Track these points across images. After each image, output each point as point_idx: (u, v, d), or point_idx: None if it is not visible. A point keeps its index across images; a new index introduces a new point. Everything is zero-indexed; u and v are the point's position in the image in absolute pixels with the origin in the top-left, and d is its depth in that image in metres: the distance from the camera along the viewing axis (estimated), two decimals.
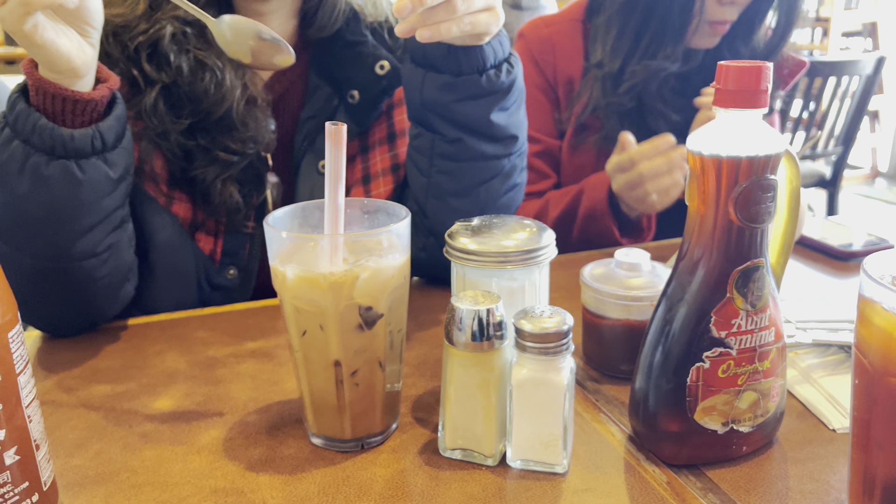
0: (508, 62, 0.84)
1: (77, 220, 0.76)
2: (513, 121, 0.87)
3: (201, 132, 0.89)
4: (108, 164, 0.76)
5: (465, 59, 0.81)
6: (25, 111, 0.72)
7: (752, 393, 0.59)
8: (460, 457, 0.61)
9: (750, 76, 0.53)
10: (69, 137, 0.72)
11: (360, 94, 0.96)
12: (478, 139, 0.85)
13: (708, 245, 0.56)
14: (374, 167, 0.99)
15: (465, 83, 0.82)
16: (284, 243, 0.58)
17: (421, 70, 0.83)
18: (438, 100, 0.83)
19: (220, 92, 0.87)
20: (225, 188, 0.90)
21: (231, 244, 0.93)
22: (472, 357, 0.58)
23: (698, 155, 0.55)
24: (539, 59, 1.27)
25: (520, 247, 0.62)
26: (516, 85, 0.85)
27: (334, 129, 0.56)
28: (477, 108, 0.83)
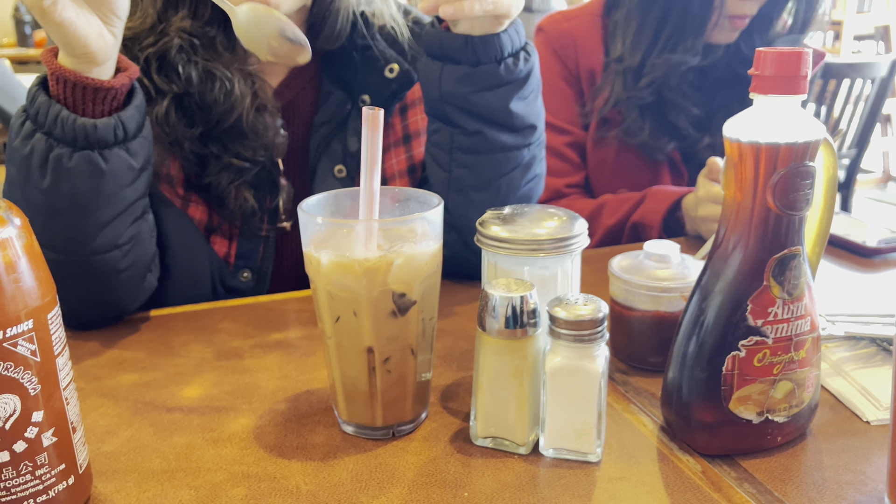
0: (525, 50, 0.84)
1: (99, 211, 0.76)
2: (531, 110, 0.87)
3: (213, 140, 0.90)
4: (129, 154, 0.76)
5: (483, 49, 0.80)
6: (46, 103, 0.72)
7: (787, 382, 0.58)
8: (492, 445, 0.61)
9: (790, 62, 0.53)
10: (92, 127, 0.72)
11: (370, 98, 0.97)
12: (497, 130, 0.85)
13: (745, 233, 0.56)
14: (390, 169, 1.00)
15: (483, 73, 0.81)
16: (319, 229, 0.58)
17: (438, 63, 0.83)
18: (457, 92, 0.83)
19: (230, 101, 0.88)
20: (239, 193, 0.91)
21: (245, 247, 0.94)
22: (506, 344, 0.58)
23: (736, 142, 0.55)
24: (561, 52, 1.28)
25: (552, 235, 0.62)
26: (534, 74, 0.85)
27: (371, 114, 0.56)
28: (496, 98, 0.83)
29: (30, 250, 0.49)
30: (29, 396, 0.48)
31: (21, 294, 0.47)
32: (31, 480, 0.49)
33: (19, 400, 0.48)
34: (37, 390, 0.48)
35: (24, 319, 0.47)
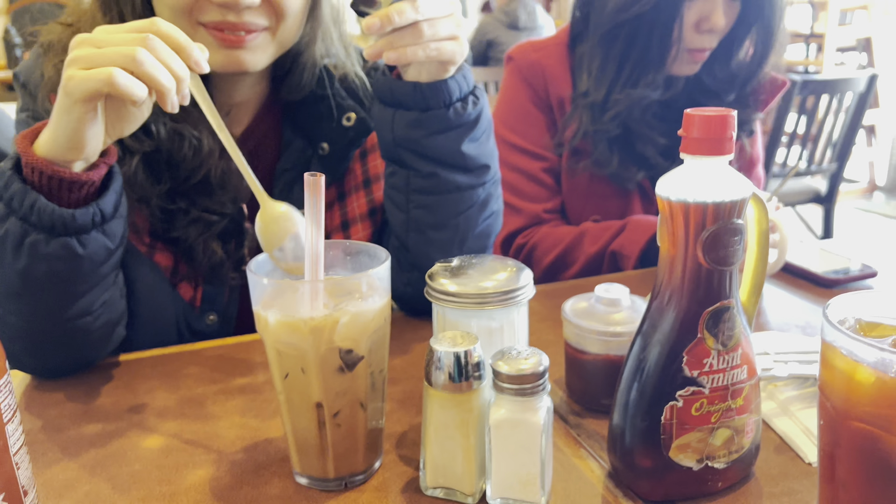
0: (474, 94, 0.87)
1: (73, 287, 0.77)
2: (483, 150, 0.89)
3: (180, 195, 0.91)
4: (106, 236, 0.76)
5: (431, 95, 0.83)
6: (22, 190, 0.71)
7: (725, 430, 0.60)
8: (442, 495, 0.62)
9: (715, 125, 0.55)
10: (70, 217, 0.72)
11: (329, 146, 0.99)
12: (451, 171, 0.87)
13: (678, 286, 0.58)
14: (351, 213, 1.03)
15: (432, 118, 0.84)
16: (266, 289, 0.60)
17: (390, 109, 0.86)
18: (409, 136, 0.85)
19: (199, 158, 0.89)
20: (208, 246, 0.93)
21: (211, 291, 0.96)
22: (451, 398, 0.59)
23: (666, 200, 0.57)
24: (531, 80, 1.30)
25: (498, 287, 0.64)
26: (483, 115, 0.88)
27: (312, 180, 0.58)
28: (447, 141, 0.85)
29: None
30: None
31: None
32: None
33: None
34: None
35: None
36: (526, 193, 1.30)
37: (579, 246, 1.23)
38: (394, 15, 0.72)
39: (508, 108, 1.33)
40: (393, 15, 0.72)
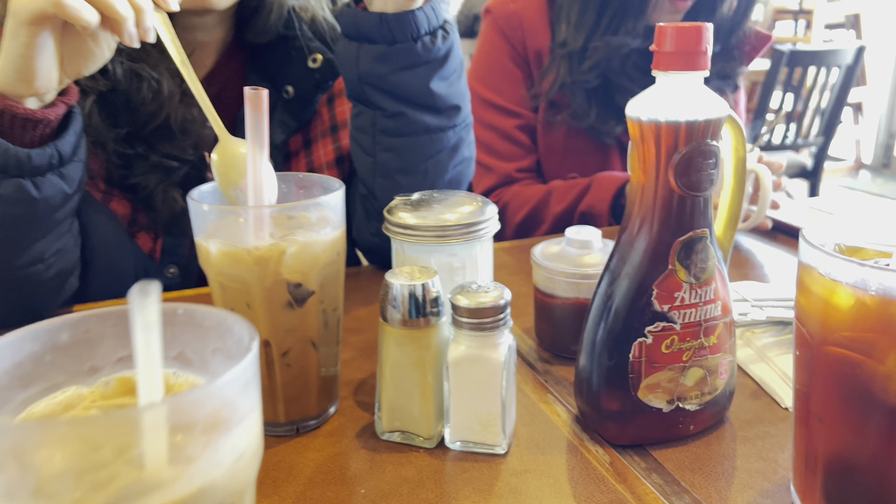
0: (444, 29, 0.82)
1: (26, 233, 0.72)
2: (454, 90, 0.85)
3: (139, 140, 0.86)
4: (63, 179, 0.71)
5: (398, 26, 0.78)
6: None
7: (698, 369, 0.57)
8: (399, 439, 0.59)
9: (689, 37, 0.51)
10: (25, 157, 0.67)
11: (294, 89, 0.94)
12: (419, 111, 0.83)
13: (649, 215, 0.54)
14: (318, 161, 0.98)
15: (399, 52, 0.80)
16: (208, 217, 0.56)
17: (355, 43, 0.81)
18: (375, 72, 0.81)
19: (159, 101, 0.84)
20: (167, 194, 0.88)
21: (171, 243, 0.91)
22: (408, 335, 0.56)
23: (637, 121, 0.53)
24: (508, 34, 1.26)
25: (460, 220, 0.60)
26: (454, 53, 0.83)
27: (253, 94, 0.53)
28: (415, 78, 0.81)
29: None
30: None
31: None
32: None
33: None
34: None
35: None
36: (499, 152, 1.26)
37: (546, 206, 1.20)
38: None
39: (484, 63, 1.29)
40: None
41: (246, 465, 0.33)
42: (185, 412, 0.31)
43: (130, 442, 0.29)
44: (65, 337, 0.37)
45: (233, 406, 0.32)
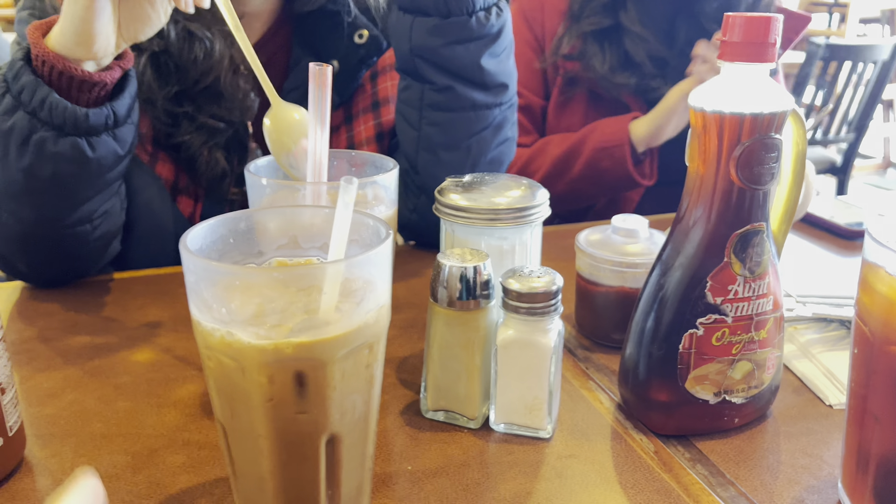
0: (497, 6, 0.83)
1: (77, 193, 0.74)
2: (503, 68, 0.85)
3: (187, 100, 0.87)
4: (116, 140, 0.73)
5: (454, 1, 0.79)
6: (33, 83, 0.67)
7: (746, 363, 0.56)
8: (443, 418, 0.59)
9: (758, 28, 0.50)
10: (83, 117, 0.68)
11: (339, 64, 0.95)
12: (468, 86, 0.83)
13: (706, 207, 0.54)
14: (358, 136, 0.98)
15: (454, 25, 0.80)
16: (265, 192, 0.56)
17: (409, 15, 0.82)
18: (427, 44, 0.81)
19: (209, 62, 0.85)
20: (211, 155, 0.89)
21: (211, 208, 0.92)
22: (457, 316, 0.56)
23: (700, 112, 0.52)
24: (530, 17, 1.28)
25: (512, 204, 0.60)
26: (506, 30, 0.84)
27: (318, 70, 0.53)
28: (467, 53, 0.81)
29: None
30: None
31: None
32: None
33: None
34: None
35: None
36: None
37: (542, 153, 1.22)
38: None
39: None
40: None
41: (384, 315, 0.44)
42: (352, 269, 0.41)
43: (317, 287, 0.39)
44: (243, 225, 0.46)
45: (376, 272, 0.42)
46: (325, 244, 0.47)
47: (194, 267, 0.39)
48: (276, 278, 0.40)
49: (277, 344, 0.38)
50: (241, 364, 0.39)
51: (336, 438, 0.42)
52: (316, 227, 0.48)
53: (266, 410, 0.40)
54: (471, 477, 0.53)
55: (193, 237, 0.42)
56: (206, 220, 0.44)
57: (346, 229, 0.41)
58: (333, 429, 0.42)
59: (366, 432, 0.45)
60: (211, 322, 0.39)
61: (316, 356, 0.39)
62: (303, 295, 0.40)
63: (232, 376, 0.40)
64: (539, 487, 0.52)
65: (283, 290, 0.40)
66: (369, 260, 0.41)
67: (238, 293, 0.40)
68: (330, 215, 0.47)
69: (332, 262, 0.41)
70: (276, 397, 0.40)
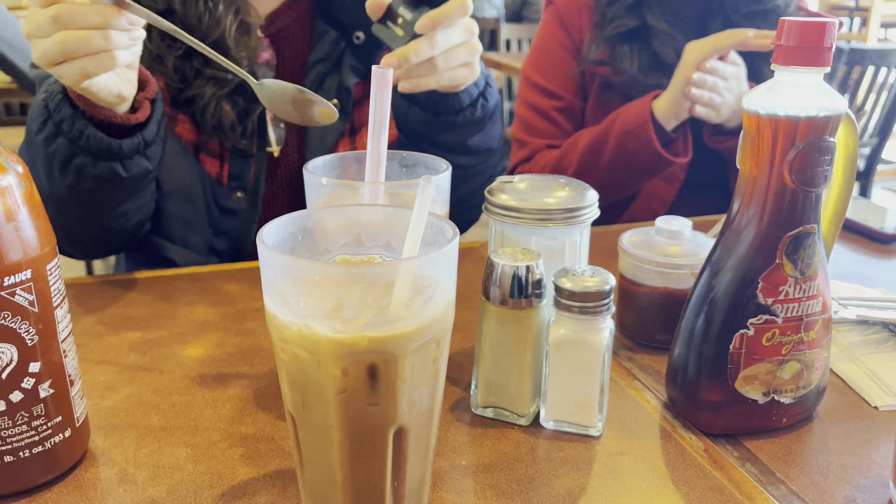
0: (484, 96, 0.88)
1: (113, 202, 0.82)
2: (488, 138, 0.92)
3: (196, 55, 0.90)
4: (147, 159, 0.80)
5: (443, 104, 0.86)
6: (72, 115, 0.74)
7: (795, 363, 0.57)
8: (492, 415, 0.60)
9: (814, 32, 0.51)
10: (118, 147, 0.76)
11: (365, 35, 0.97)
12: (455, 156, 0.88)
13: (759, 208, 0.55)
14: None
15: (443, 122, 0.88)
16: (324, 190, 0.57)
17: (406, 102, 0.89)
18: (419, 130, 0.89)
19: (213, 18, 0.89)
20: (218, 106, 0.92)
21: (236, 167, 0.96)
22: (510, 314, 0.57)
23: (755, 114, 0.53)
24: (567, 20, 1.28)
25: (561, 205, 0.61)
26: (489, 113, 0.90)
27: (381, 73, 0.54)
28: (456, 137, 0.89)
29: (30, 199, 0.48)
30: (26, 347, 0.48)
31: (20, 243, 0.47)
32: (26, 431, 0.49)
33: (16, 350, 0.47)
34: (34, 341, 0.48)
35: (23, 269, 0.47)
36: (535, 128, 1.30)
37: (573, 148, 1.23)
38: (411, 55, 0.72)
39: (539, 52, 1.33)
40: (410, 55, 0.72)
41: (450, 312, 0.45)
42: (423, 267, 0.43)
43: (389, 283, 0.41)
44: (310, 224, 0.47)
45: (444, 270, 0.43)
46: (388, 242, 0.49)
47: (273, 262, 0.41)
48: (354, 274, 0.41)
49: (353, 337, 0.39)
50: (316, 357, 0.40)
51: (403, 430, 0.43)
52: (378, 225, 0.49)
53: (339, 402, 0.41)
54: (524, 472, 0.54)
55: (269, 234, 0.43)
56: (277, 219, 0.45)
57: (421, 227, 0.42)
58: (402, 421, 0.43)
59: (430, 425, 0.46)
60: (288, 315, 0.41)
61: (389, 350, 0.40)
62: (375, 290, 0.41)
63: (306, 368, 0.41)
64: (593, 483, 0.53)
65: (357, 285, 0.41)
66: (439, 258, 0.42)
67: (315, 288, 0.41)
68: (391, 215, 0.49)
69: (406, 260, 0.42)
70: (350, 389, 0.41)
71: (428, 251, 0.43)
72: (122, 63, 0.67)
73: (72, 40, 0.63)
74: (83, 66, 0.65)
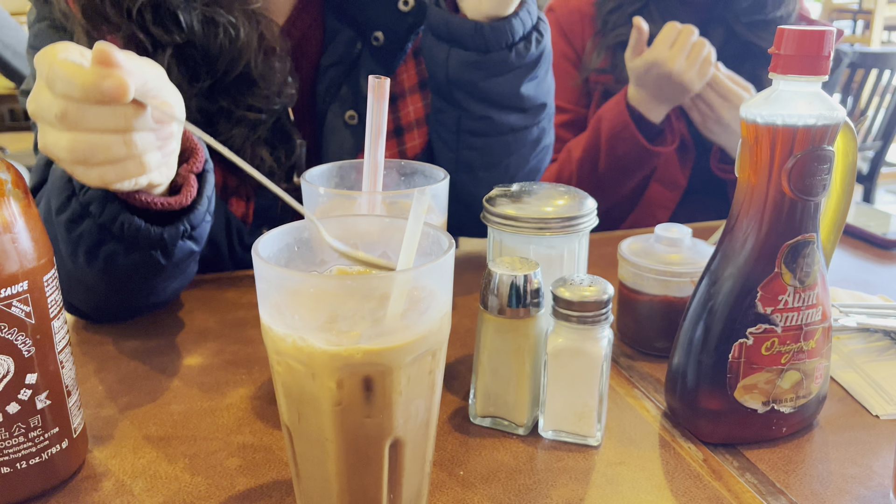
0: (538, 30, 0.80)
1: (150, 288, 0.71)
2: (542, 88, 0.84)
3: (221, 93, 0.81)
4: (193, 241, 0.68)
5: (493, 36, 0.76)
6: (102, 198, 0.62)
7: (795, 373, 0.57)
8: (491, 425, 0.60)
9: (812, 41, 0.51)
10: (158, 236, 0.64)
11: (384, 35, 0.88)
12: (506, 113, 0.81)
13: (758, 217, 0.54)
14: (406, 117, 0.92)
15: (493, 60, 0.78)
16: (321, 200, 0.57)
17: (444, 45, 0.79)
18: (465, 77, 0.79)
19: (236, 47, 0.78)
20: (255, 152, 0.84)
21: (262, 204, 0.89)
22: (508, 323, 0.57)
23: (752, 123, 0.53)
24: (568, 29, 1.28)
25: (560, 213, 0.61)
26: (545, 53, 0.82)
27: (377, 83, 0.54)
28: (506, 83, 0.79)
29: (26, 211, 0.48)
30: (22, 358, 0.48)
31: (16, 254, 0.47)
32: (23, 442, 0.49)
33: (12, 361, 0.47)
34: (31, 352, 0.48)
35: (19, 280, 0.47)
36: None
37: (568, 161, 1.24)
38: None
39: None
40: None
41: (446, 323, 0.45)
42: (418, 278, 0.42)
43: (385, 295, 0.41)
44: (306, 234, 0.47)
45: (440, 281, 0.43)
46: (385, 253, 0.49)
47: (268, 274, 0.41)
48: (348, 286, 0.41)
49: (349, 350, 0.39)
50: (311, 369, 0.40)
51: (399, 443, 0.43)
52: (375, 235, 0.49)
53: (334, 414, 0.41)
54: (522, 482, 0.53)
55: (264, 246, 0.43)
56: (273, 230, 0.45)
57: (416, 239, 0.42)
58: (397, 433, 0.43)
59: (426, 437, 0.46)
60: (283, 328, 0.41)
61: (384, 362, 0.40)
62: (370, 302, 0.41)
63: (301, 381, 0.41)
64: (591, 494, 0.52)
65: (352, 297, 0.41)
66: (434, 269, 0.42)
67: (310, 300, 0.41)
68: (388, 225, 0.49)
69: (401, 272, 0.42)
70: (345, 402, 0.41)
71: (423, 262, 0.42)
72: (153, 168, 0.54)
73: (83, 148, 0.50)
74: (102, 174, 0.52)
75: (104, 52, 0.48)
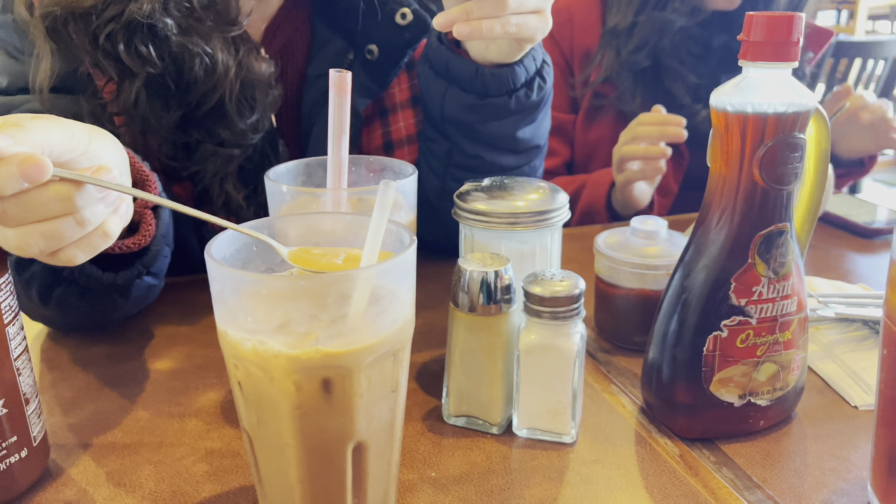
0: (541, 75, 0.76)
1: (112, 318, 0.72)
2: (539, 131, 0.80)
3: (194, 125, 0.75)
4: (152, 276, 0.67)
5: (494, 82, 0.73)
6: None
7: (771, 365, 0.56)
8: (465, 424, 0.59)
9: (780, 27, 0.50)
10: (111, 281, 0.63)
11: (379, 49, 0.83)
12: (499, 154, 0.78)
13: (729, 208, 0.53)
14: (397, 133, 0.88)
15: (491, 105, 0.74)
16: (285, 199, 0.56)
17: (443, 82, 0.75)
18: (461, 118, 0.76)
19: (212, 79, 0.73)
20: (222, 189, 0.78)
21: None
22: (479, 321, 0.56)
23: (722, 111, 0.52)
24: (556, 32, 1.25)
25: (531, 208, 0.60)
26: (546, 97, 0.77)
27: (338, 77, 0.53)
28: (503, 127, 0.76)
29: None
30: None
31: None
32: None
33: None
34: None
35: None
36: None
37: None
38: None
39: None
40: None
41: (409, 323, 0.44)
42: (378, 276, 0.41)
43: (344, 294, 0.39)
44: (265, 234, 0.45)
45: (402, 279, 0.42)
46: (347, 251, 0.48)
47: (220, 276, 0.39)
48: (301, 287, 0.40)
49: (306, 352, 0.38)
50: (269, 373, 0.39)
51: (362, 446, 0.42)
52: (338, 233, 0.48)
53: (294, 418, 0.40)
54: (495, 483, 0.52)
55: (218, 246, 0.42)
56: (229, 230, 0.44)
57: (380, 234, 0.41)
58: (360, 436, 0.42)
59: (391, 439, 0.45)
60: (238, 332, 0.39)
61: (343, 364, 0.39)
62: (329, 302, 0.40)
63: (259, 385, 0.40)
64: (565, 493, 0.51)
65: (307, 297, 0.40)
66: (395, 267, 0.41)
67: (264, 302, 0.40)
68: (351, 222, 0.48)
69: (361, 269, 0.40)
70: (304, 405, 0.40)
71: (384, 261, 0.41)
72: (117, 233, 0.49)
73: (36, 241, 0.45)
74: (70, 256, 0.48)
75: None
